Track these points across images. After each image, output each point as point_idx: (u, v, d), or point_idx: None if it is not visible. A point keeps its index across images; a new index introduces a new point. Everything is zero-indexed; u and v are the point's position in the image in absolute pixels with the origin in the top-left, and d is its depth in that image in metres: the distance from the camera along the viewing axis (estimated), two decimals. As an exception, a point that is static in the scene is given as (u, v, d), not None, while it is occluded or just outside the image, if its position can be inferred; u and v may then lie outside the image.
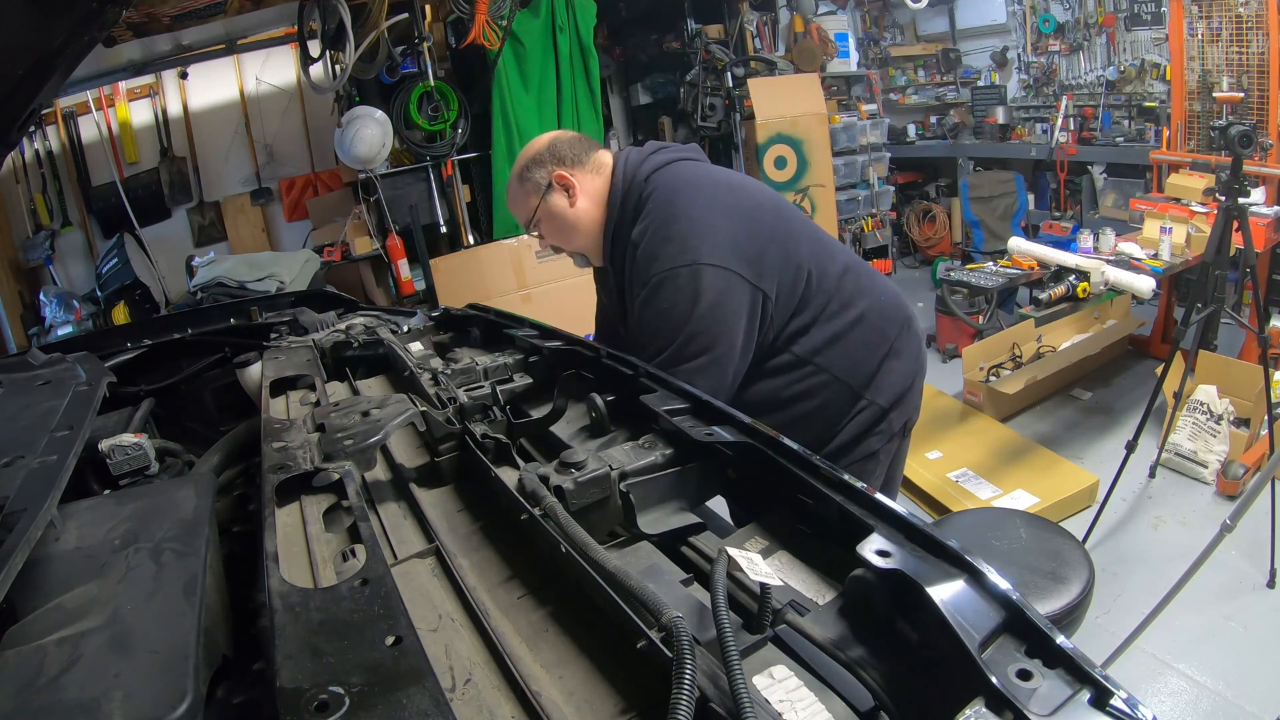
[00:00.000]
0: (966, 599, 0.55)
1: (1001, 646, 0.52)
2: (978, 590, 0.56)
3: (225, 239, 4.63)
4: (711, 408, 0.89)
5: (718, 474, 0.86)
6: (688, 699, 0.49)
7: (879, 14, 5.95)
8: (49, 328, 3.97)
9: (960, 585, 0.56)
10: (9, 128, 1.41)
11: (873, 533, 0.63)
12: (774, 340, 1.40)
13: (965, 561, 0.58)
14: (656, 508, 0.83)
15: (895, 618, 0.59)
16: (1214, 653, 2.19)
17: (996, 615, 0.54)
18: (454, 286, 4.13)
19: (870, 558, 0.60)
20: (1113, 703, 0.47)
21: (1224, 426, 3.04)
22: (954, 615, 0.53)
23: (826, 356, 1.41)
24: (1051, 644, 0.51)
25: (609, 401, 1.02)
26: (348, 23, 3.38)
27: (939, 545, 0.60)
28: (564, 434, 1.05)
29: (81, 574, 0.72)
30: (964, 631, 0.52)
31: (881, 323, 1.46)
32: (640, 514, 0.81)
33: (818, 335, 1.40)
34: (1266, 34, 3.63)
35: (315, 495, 0.86)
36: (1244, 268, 3.00)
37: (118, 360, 1.61)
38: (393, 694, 0.51)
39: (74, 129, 4.27)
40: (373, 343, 1.52)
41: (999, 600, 0.55)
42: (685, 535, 0.80)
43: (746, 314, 1.33)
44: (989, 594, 0.55)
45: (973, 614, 0.53)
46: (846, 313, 1.42)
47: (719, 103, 4.90)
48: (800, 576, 0.71)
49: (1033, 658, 0.51)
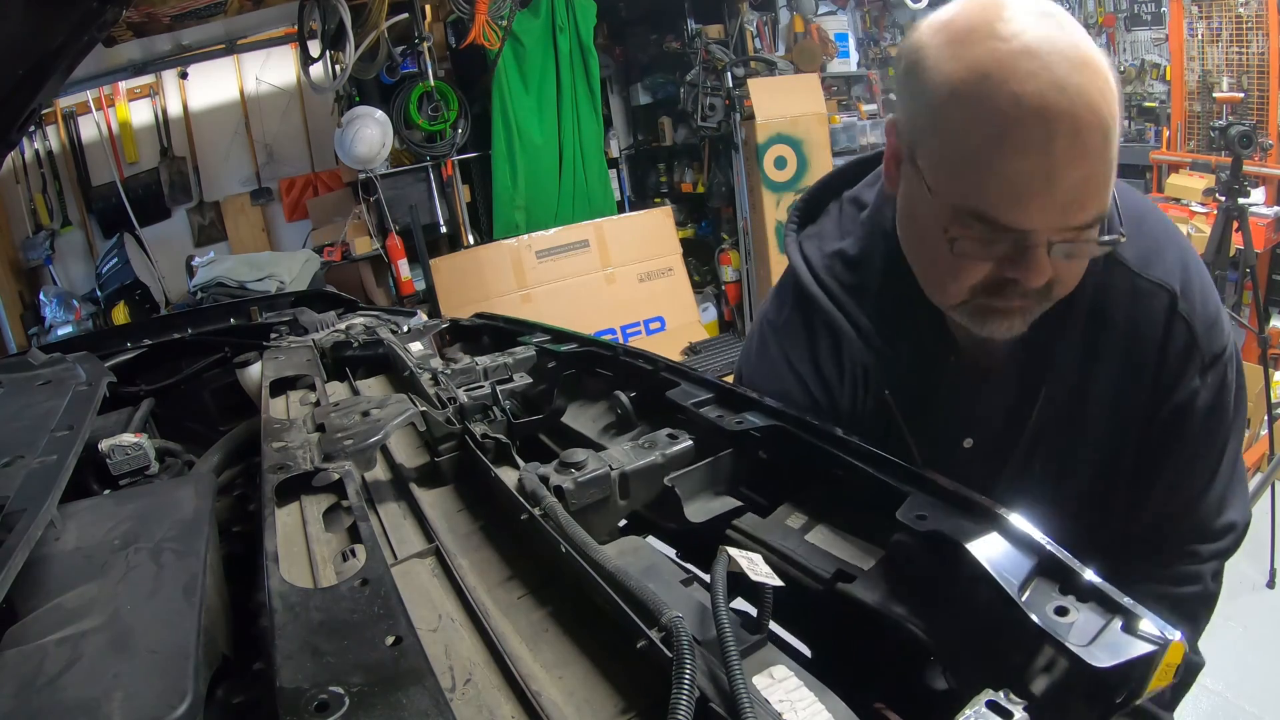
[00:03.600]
0: (1001, 550, 0.59)
1: (1038, 588, 0.57)
2: (1010, 540, 0.60)
3: (225, 239, 4.62)
4: (734, 394, 0.91)
5: (751, 458, 0.88)
6: (688, 699, 0.49)
7: (879, 14, 5.94)
8: (49, 328, 3.98)
9: (993, 538, 0.60)
10: (9, 128, 1.41)
11: (908, 498, 0.67)
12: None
13: (995, 515, 0.62)
14: (698, 497, 0.85)
15: (938, 575, 0.63)
16: (1214, 653, 2.18)
17: (1029, 560, 0.58)
18: (454, 286, 4.13)
19: (909, 522, 0.64)
20: (1142, 626, 0.52)
21: (1224, 426, 3.04)
22: (993, 565, 0.57)
23: None
24: (1081, 580, 0.56)
25: (632, 397, 1.03)
26: (348, 23, 3.38)
27: (970, 502, 0.64)
28: (591, 432, 1.06)
29: (81, 574, 0.72)
30: (1004, 580, 0.56)
31: None
32: (686, 504, 0.83)
33: None
34: (1266, 34, 3.63)
35: (315, 495, 0.86)
36: (1244, 268, 3.00)
37: (118, 360, 1.61)
38: (393, 694, 0.51)
39: (74, 129, 4.27)
40: (373, 343, 1.52)
41: (1030, 547, 0.59)
42: (730, 519, 0.82)
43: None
44: (1020, 542, 0.59)
45: (1009, 562, 0.58)
46: None
47: (719, 103, 4.90)
48: (842, 546, 0.73)
49: (1066, 594, 0.56)
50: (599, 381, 1.14)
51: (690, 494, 0.84)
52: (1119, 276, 0.83)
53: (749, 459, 0.88)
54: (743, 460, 0.88)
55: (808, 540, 0.75)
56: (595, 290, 4.53)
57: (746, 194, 4.94)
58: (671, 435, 0.91)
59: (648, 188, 5.79)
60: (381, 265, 4.31)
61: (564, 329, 1.34)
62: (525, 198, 4.58)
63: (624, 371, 1.10)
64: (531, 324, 1.43)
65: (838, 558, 0.71)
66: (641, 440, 0.91)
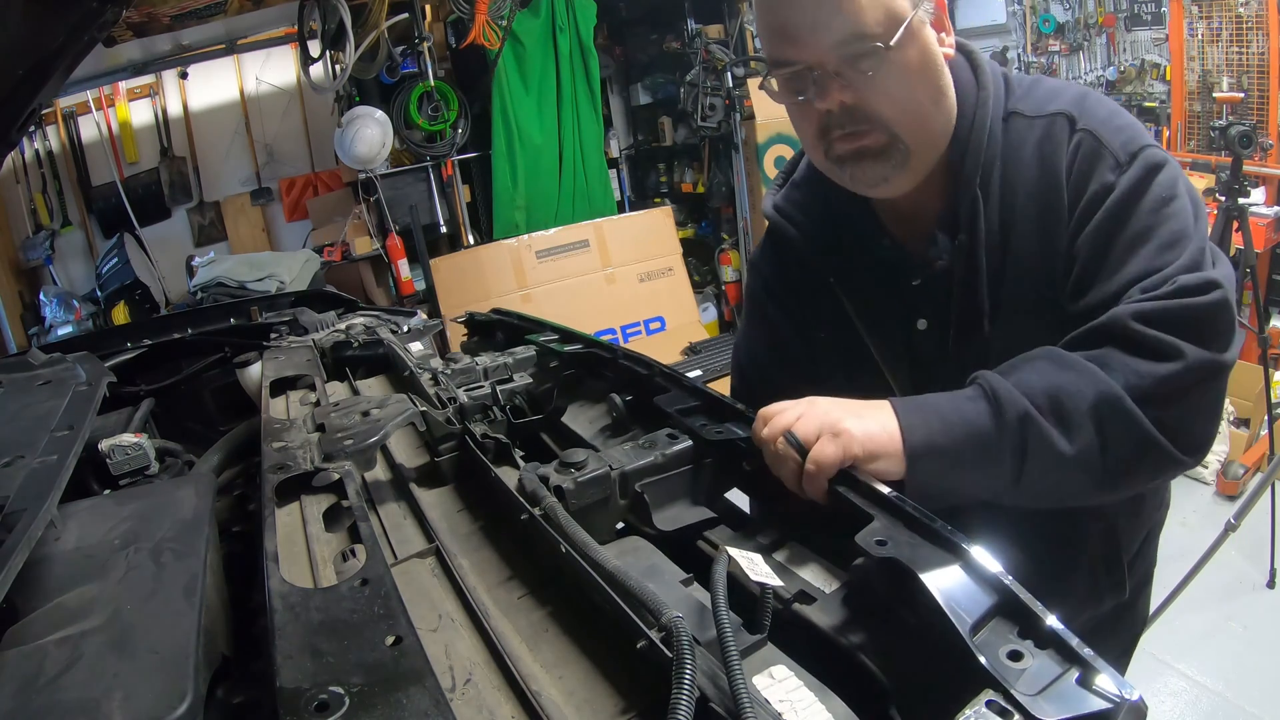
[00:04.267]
0: (959, 584, 0.56)
1: (995, 628, 0.54)
2: (970, 574, 0.57)
3: (225, 239, 4.63)
4: (723, 405, 0.90)
5: (734, 468, 0.86)
6: (688, 699, 0.49)
7: (879, 14, 5.94)
8: (49, 328, 3.98)
9: (954, 570, 0.57)
10: (9, 128, 1.41)
11: (872, 521, 0.65)
12: None
13: (958, 547, 0.59)
14: (672, 505, 0.84)
15: (896, 604, 0.61)
16: (1214, 653, 2.19)
17: (989, 598, 0.55)
18: (454, 286, 4.13)
19: (869, 547, 0.61)
20: (1098, 682, 0.48)
21: (1224, 427, 3.04)
22: (948, 600, 0.55)
23: None
24: (1042, 625, 0.53)
25: (627, 401, 1.03)
26: (348, 23, 3.38)
27: (933, 531, 0.61)
28: (586, 433, 1.06)
29: (81, 574, 0.72)
30: (956, 616, 0.53)
31: None
32: (655, 511, 0.82)
33: None
34: (1266, 34, 3.63)
35: (315, 495, 0.86)
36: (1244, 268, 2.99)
37: (118, 360, 1.62)
38: (393, 694, 0.51)
39: (74, 129, 4.28)
40: (373, 343, 1.52)
41: (990, 584, 0.56)
42: (700, 530, 0.81)
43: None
44: (981, 578, 0.57)
45: (965, 598, 0.55)
46: None
47: (719, 103, 4.89)
48: (809, 567, 0.72)
49: (1025, 638, 0.53)
50: (600, 383, 1.15)
51: (661, 502, 0.82)
52: (1020, 127, 0.89)
53: (733, 470, 0.86)
54: (725, 472, 0.86)
55: (774, 558, 0.73)
56: (595, 290, 4.53)
57: (746, 194, 4.94)
58: (671, 435, 0.91)
59: (648, 188, 5.79)
60: (381, 265, 4.31)
61: (572, 330, 1.34)
62: (525, 198, 4.58)
63: (623, 375, 1.10)
64: (543, 322, 1.43)
65: (802, 578, 0.69)
66: (642, 440, 0.91)
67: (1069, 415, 0.75)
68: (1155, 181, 0.82)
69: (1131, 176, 0.82)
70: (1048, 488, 0.79)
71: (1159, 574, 1.15)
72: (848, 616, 0.63)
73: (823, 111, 0.84)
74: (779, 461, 0.74)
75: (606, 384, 1.12)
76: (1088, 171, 0.84)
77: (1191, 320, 0.76)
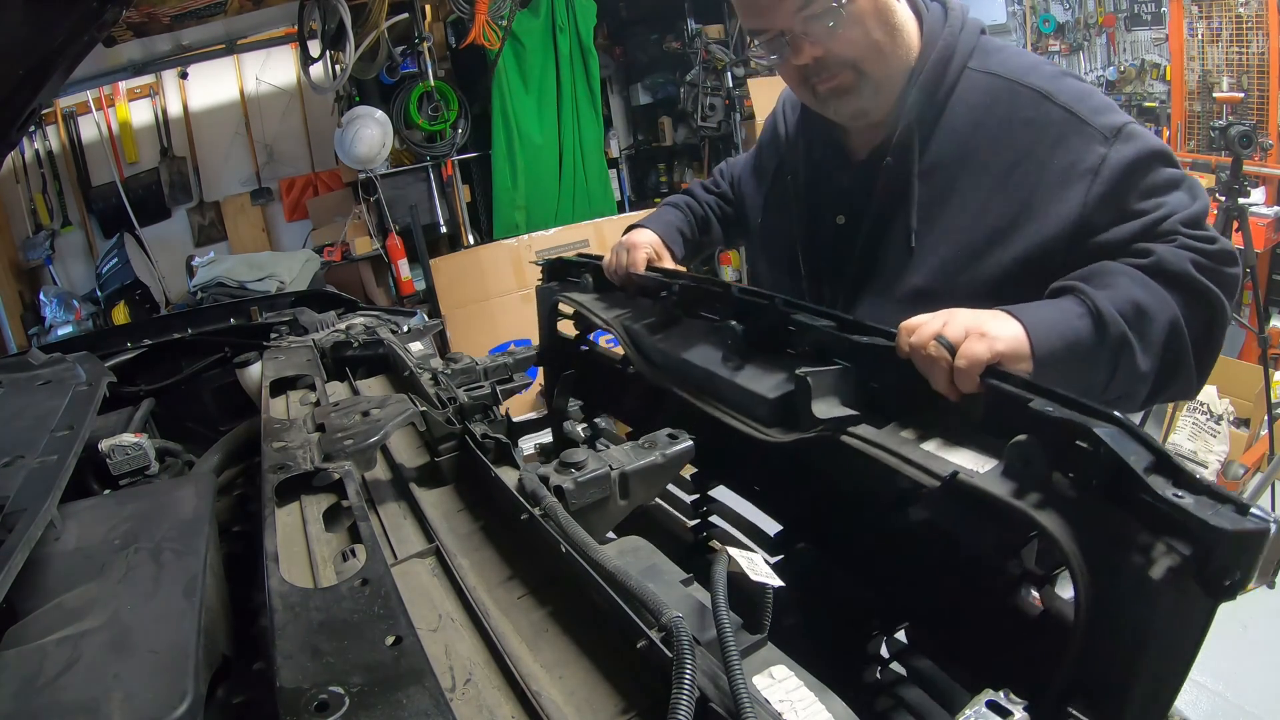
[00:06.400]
0: (1123, 440, 0.61)
1: (1153, 481, 0.58)
2: (1129, 435, 0.62)
3: (225, 239, 4.62)
4: (856, 323, 0.90)
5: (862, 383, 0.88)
6: (688, 699, 0.49)
7: (879, 14, 5.95)
8: (49, 328, 3.97)
9: (1116, 430, 0.62)
10: (9, 128, 1.41)
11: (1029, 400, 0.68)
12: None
13: (1112, 416, 0.63)
14: (825, 398, 0.85)
15: (1052, 473, 0.65)
16: (1214, 653, 2.18)
17: (1146, 456, 0.60)
18: (454, 286, 4.13)
19: (1041, 409, 0.66)
20: (1252, 511, 0.54)
21: (1224, 427, 3.04)
22: (1122, 450, 0.60)
23: None
24: (1192, 477, 0.57)
25: (743, 330, 1.01)
26: (348, 23, 3.38)
27: (1085, 405, 0.65)
28: (710, 363, 1.03)
29: (81, 574, 0.72)
30: (1132, 460, 0.59)
31: None
32: (814, 401, 0.84)
33: None
34: (1266, 34, 3.63)
35: (315, 495, 0.86)
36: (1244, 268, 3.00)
37: (118, 360, 1.62)
38: (393, 694, 0.51)
39: (74, 129, 4.27)
40: (373, 343, 1.52)
41: (1146, 445, 0.61)
42: (846, 425, 0.82)
43: None
44: (1138, 439, 0.62)
45: (1130, 452, 0.60)
46: None
47: (719, 103, 4.89)
48: (957, 455, 0.73)
49: (1179, 489, 0.57)
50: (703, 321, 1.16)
51: (819, 393, 0.85)
52: (983, 82, 1.01)
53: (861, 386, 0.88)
54: (856, 384, 0.88)
55: (923, 448, 0.76)
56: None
57: (746, 194, 4.93)
58: (671, 435, 0.92)
59: (648, 188, 5.78)
60: (381, 265, 4.31)
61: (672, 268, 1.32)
62: (525, 198, 4.58)
63: (741, 306, 1.06)
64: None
65: (954, 462, 0.72)
66: (641, 440, 0.91)
67: (1148, 334, 0.85)
68: (1142, 149, 0.93)
69: (1134, 146, 0.92)
70: (1117, 395, 0.88)
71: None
72: (1015, 487, 0.66)
73: (800, 65, 1.01)
74: (930, 364, 0.78)
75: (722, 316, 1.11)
76: (1077, 148, 0.93)
77: (1227, 281, 0.90)
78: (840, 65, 0.99)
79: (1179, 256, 0.87)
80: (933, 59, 1.01)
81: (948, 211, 1.01)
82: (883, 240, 1.07)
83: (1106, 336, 0.82)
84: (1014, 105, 0.97)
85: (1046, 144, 0.94)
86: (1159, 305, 0.85)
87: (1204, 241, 0.88)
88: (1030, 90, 0.97)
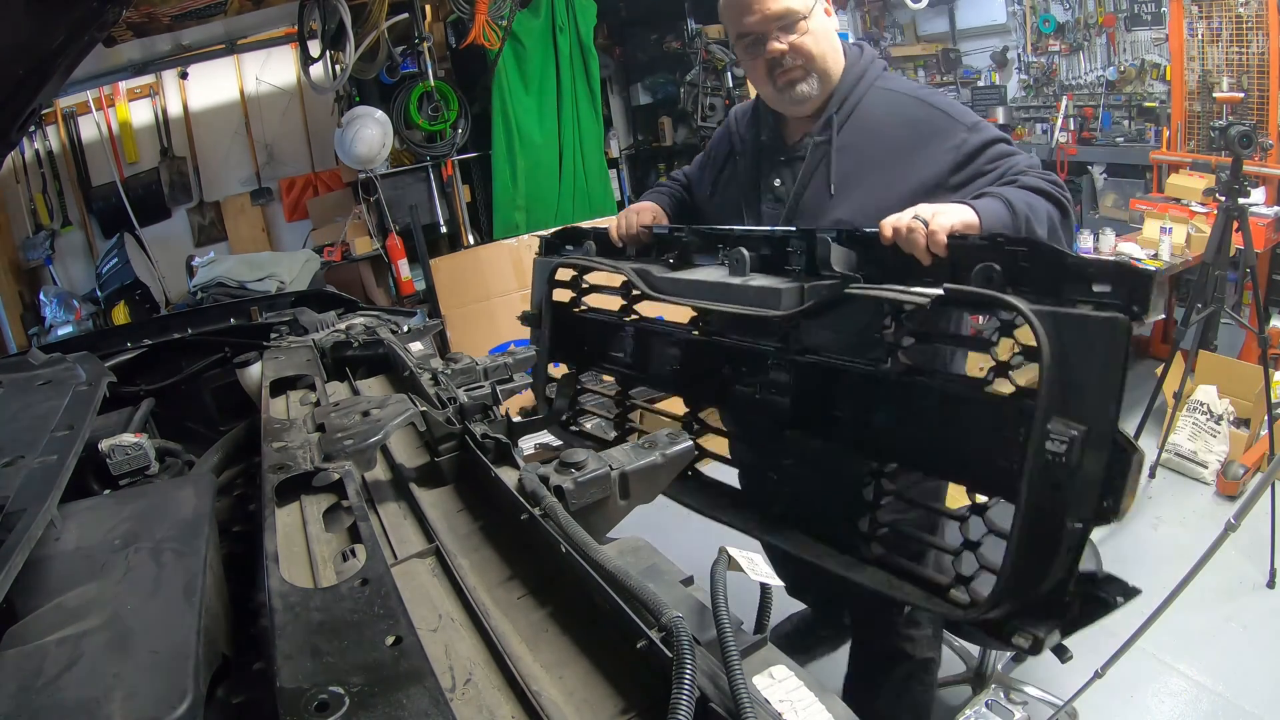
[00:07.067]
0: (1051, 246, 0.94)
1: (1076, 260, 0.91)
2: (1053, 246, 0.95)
3: (225, 239, 4.62)
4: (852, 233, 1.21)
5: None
6: (688, 699, 0.49)
7: (879, 14, 5.94)
8: (49, 328, 3.97)
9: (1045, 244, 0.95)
10: (9, 128, 1.41)
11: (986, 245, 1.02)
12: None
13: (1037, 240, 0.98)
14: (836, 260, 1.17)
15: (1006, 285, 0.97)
16: (1214, 653, 2.19)
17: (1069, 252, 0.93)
18: (454, 286, 4.13)
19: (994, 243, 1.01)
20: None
21: (1224, 427, 3.04)
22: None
23: None
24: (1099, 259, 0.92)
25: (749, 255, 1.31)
26: (348, 23, 3.38)
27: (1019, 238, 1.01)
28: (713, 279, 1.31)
29: (81, 574, 0.72)
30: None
31: None
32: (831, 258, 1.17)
33: None
34: (1266, 34, 3.63)
35: (315, 495, 0.86)
36: (1244, 268, 2.99)
37: (118, 360, 1.62)
38: (393, 694, 0.51)
39: (74, 129, 4.27)
40: (373, 343, 1.52)
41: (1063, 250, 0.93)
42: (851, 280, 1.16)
43: None
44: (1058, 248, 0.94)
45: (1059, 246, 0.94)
46: None
47: (719, 103, 4.89)
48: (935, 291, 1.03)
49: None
50: (706, 259, 1.45)
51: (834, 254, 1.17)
52: (887, 97, 1.45)
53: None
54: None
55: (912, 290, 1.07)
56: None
57: (746, 194, 4.93)
58: (671, 435, 0.92)
59: (648, 188, 5.76)
60: (381, 265, 4.31)
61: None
62: (525, 198, 4.58)
63: (744, 244, 1.34)
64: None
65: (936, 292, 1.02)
66: (642, 440, 0.91)
67: (1037, 213, 1.25)
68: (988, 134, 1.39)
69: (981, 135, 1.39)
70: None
71: (1159, 574, 1.17)
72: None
73: (768, 59, 1.42)
74: (909, 236, 1.08)
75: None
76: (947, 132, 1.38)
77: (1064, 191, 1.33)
78: (798, 59, 1.40)
79: (1035, 181, 1.29)
80: (852, 73, 1.45)
81: (858, 173, 1.41)
82: (808, 189, 1.47)
83: (1017, 215, 1.21)
84: (905, 107, 1.42)
85: (927, 132, 1.38)
86: (1037, 201, 1.26)
87: (1043, 173, 1.32)
88: (916, 99, 1.43)
